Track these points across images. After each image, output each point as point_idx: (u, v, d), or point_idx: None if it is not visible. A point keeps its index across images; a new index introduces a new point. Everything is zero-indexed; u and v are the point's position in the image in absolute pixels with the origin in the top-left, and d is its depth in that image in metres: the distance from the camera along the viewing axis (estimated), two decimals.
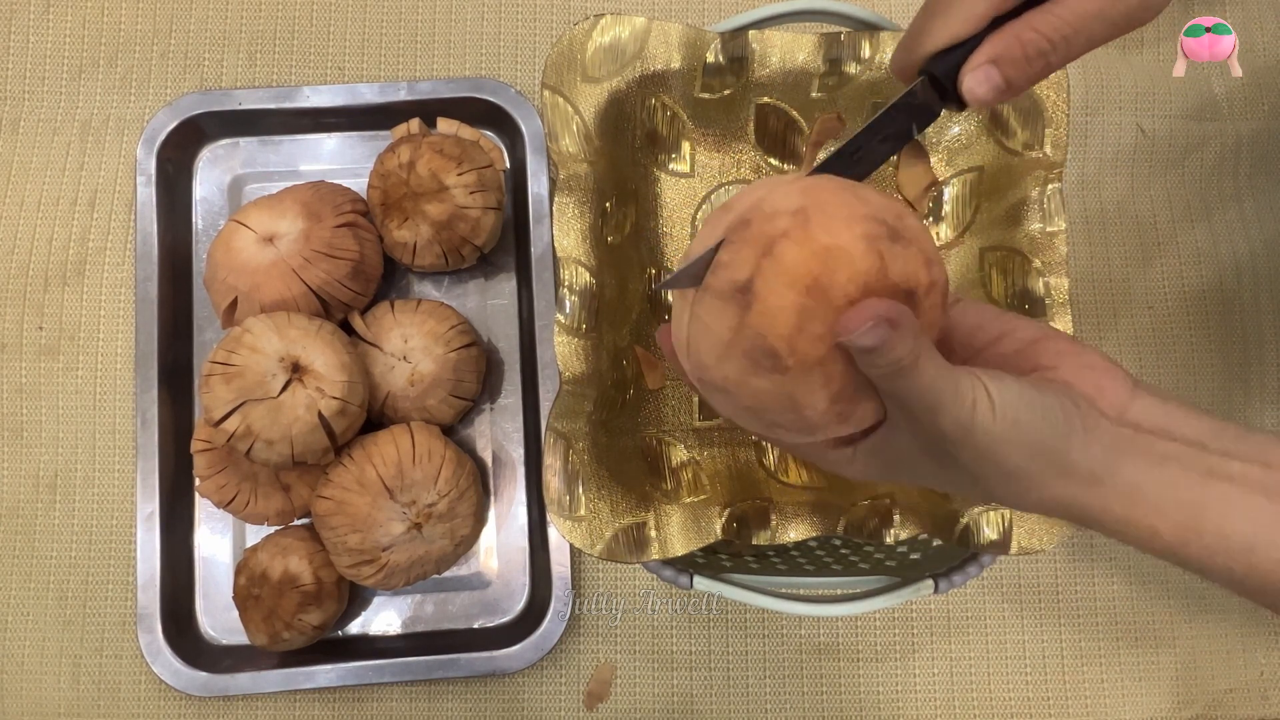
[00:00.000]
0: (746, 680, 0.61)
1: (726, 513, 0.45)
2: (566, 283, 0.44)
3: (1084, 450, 0.29)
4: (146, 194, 0.60)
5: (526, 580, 0.60)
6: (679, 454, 0.49)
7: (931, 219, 0.50)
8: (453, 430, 0.61)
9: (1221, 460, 0.29)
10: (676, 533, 0.44)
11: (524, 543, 0.61)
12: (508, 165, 0.63)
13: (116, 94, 0.65)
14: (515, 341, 0.62)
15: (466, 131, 0.61)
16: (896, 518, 0.45)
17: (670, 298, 0.51)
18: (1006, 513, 0.45)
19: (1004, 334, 0.32)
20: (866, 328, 0.26)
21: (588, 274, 0.45)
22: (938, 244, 0.50)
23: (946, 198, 0.50)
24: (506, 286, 0.63)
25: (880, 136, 0.34)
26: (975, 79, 0.31)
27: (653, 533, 0.44)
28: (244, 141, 0.64)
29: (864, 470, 0.32)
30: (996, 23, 0.32)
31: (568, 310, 0.44)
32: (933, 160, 0.50)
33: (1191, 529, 0.28)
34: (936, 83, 0.33)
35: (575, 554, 0.60)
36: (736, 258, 0.28)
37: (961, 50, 0.32)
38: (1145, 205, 0.66)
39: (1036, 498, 0.29)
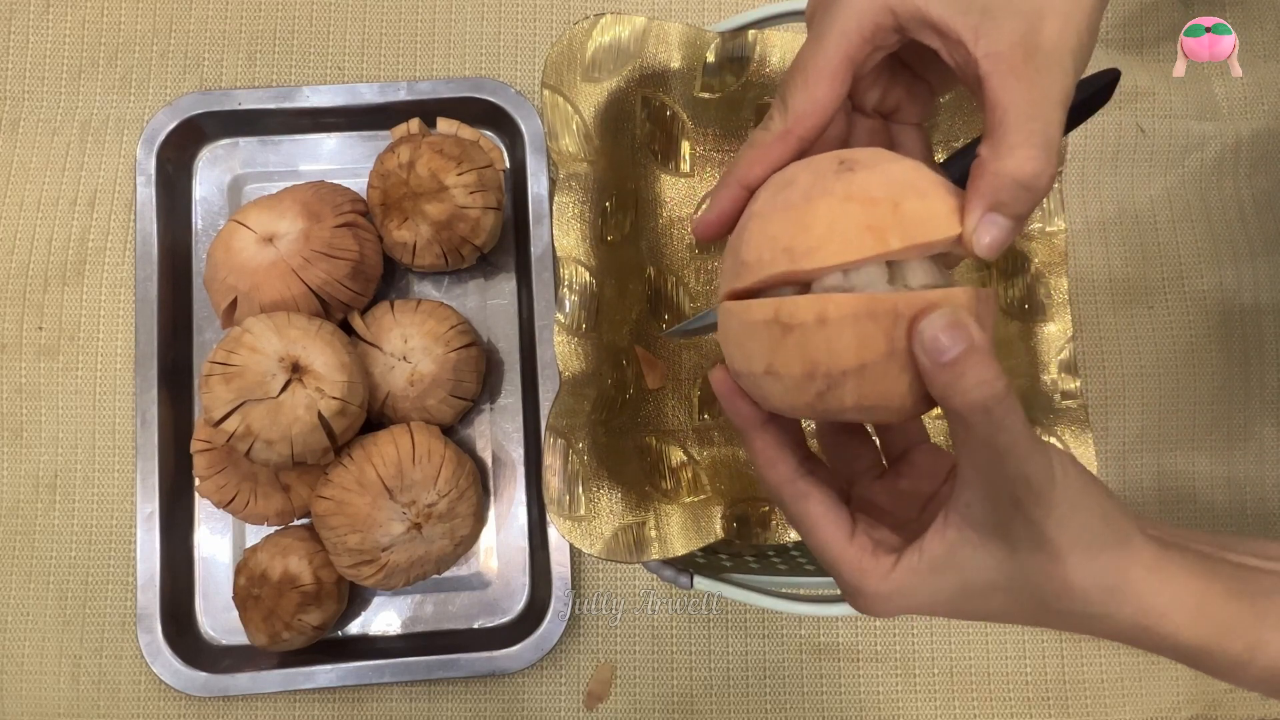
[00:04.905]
0: (746, 680, 0.61)
1: (727, 512, 0.45)
2: (566, 282, 0.44)
3: (1143, 534, 0.28)
4: (146, 194, 0.60)
5: (526, 580, 0.60)
6: (678, 454, 0.49)
7: None
8: (453, 430, 0.61)
9: (1251, 574, 0.28)
10: (676, 533, 0.44)
11: (524, 543, 0.61)
12: (508, 165, 0.63)
13: (116, 94, 0.65)
14: (515, 341, 0.62)
15: (466, 131, 0.61)
16: None
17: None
18: None
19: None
20: (941, 325, 0.25)
21: (588, 274, 0.45)
22: None
23: None
24: (506, 286, 0.63)
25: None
26: (984, 233, 0.28)
27: (653, 533, 0.44)
28: (244, 141, 0.64)
29: (900, 584, 0.29)
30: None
31: (567, 310, 0.44)
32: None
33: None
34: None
35: (575, 554, 0.60)
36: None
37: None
38: (1145, 205, 0.66)
39: (1105, 567, 0.27)
